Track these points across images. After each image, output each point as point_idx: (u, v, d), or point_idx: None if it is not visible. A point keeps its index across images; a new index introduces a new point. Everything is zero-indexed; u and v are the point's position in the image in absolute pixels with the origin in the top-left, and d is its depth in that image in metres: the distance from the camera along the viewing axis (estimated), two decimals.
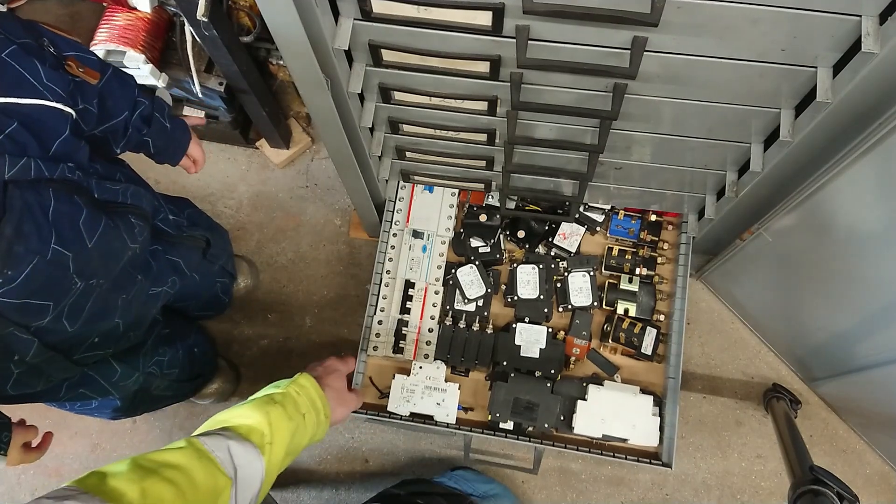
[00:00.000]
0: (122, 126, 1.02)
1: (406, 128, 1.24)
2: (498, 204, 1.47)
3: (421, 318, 1.40)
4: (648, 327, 1.40)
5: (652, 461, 1.33)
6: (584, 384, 1.37)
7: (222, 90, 1.57)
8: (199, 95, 1.56)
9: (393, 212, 1.49)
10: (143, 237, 1.04)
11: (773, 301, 1.61)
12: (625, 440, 1.34)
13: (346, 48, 0.94)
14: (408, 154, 1.35)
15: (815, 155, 1.06)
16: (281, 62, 1.60)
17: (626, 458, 1.33)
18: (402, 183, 1.50)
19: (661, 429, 1.34)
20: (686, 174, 1.27)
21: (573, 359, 1.41)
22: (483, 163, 1.33)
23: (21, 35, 0.83)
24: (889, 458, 1.65)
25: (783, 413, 1.48)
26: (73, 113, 0.87)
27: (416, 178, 1.48)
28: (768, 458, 1.68)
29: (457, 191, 1.48)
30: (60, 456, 1.70)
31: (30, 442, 1.04)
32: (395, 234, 1.46)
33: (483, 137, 1.22)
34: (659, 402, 1.37)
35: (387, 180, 1.47)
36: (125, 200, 1.00)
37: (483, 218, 1.47)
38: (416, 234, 1.45)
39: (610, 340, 1.40)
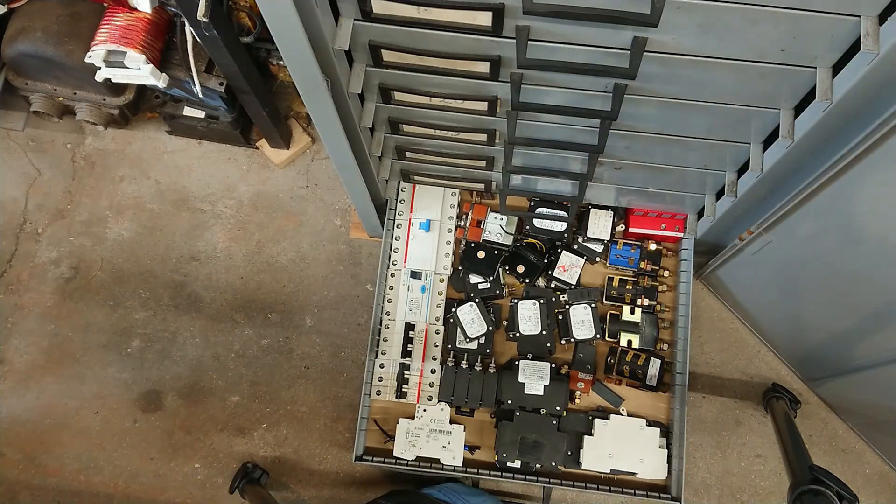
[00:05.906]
0: None
1: (406, 128, 1.24)
2: (495, 239, 1.47)
3: (423, 361, 1.40)
4: (653, 358, 1.40)
5: (661, 495, 1.34)
6: (591, 418, 1.37)
7: (222, 90, 1.57)
8: (200, 96, 1.56)
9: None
10: None
11: (772, 301, 1.61)
12: (633, 474, 1.34)
13: (347, 48, 0.94)
14: (408, 154, 1.35)
15: (815, 155, 1.06)
16: (281, 62, 1.60)
17: (634, 494, 1.35)
18: (402, 184, 1.50)
19: (669, 461, 1.35)
20: (686, 174, 1.27)
21: (578, 392, 1.41)
22: (483, 163, 1.33)
23: None
24: (888, 458, 1.65)
25: (783, 413, 1.48)
26: None
27: (416, 178, 1.48)
28: (768, 458, 1.69)
29: (452, 239, 1.47)
30: (60, 456, 1.70)
31: None
32: (392, 275, 1.45)
33: (483, 137, 1.22)
34: (666, 433, 1.37)
35: (387, 180, 1.47)
36: None
37: (481, 255, 1.47)
38: (414, 275, 1.45)
39: (614, 373, 1.40)
